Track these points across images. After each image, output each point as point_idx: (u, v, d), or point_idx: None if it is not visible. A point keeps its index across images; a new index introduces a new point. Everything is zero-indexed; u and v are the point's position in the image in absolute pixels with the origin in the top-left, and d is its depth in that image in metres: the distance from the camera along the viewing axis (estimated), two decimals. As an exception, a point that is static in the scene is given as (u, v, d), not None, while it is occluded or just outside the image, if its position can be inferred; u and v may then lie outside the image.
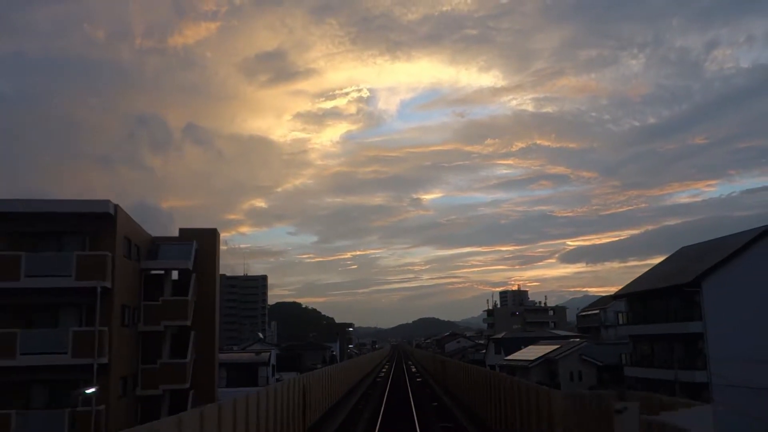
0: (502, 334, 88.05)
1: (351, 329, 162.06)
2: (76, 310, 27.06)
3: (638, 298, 52.75)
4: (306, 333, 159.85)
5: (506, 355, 75.71)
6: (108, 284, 26.51)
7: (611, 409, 9.83)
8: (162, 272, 33.78)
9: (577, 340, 74.13)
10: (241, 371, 57.43)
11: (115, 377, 27.38)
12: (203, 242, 35.87)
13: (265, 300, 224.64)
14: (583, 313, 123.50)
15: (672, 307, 46.72)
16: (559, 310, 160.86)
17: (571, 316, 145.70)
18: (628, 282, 57.91)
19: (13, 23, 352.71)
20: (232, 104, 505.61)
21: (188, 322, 32.85)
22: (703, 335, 43.12)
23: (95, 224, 27.45)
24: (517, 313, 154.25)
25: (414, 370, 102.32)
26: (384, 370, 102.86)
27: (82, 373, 25.69)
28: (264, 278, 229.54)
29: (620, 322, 56.89)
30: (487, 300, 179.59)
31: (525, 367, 65.72)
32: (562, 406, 14.80)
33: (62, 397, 25.98)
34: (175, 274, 34.63)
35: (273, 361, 64.50)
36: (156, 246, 34.20)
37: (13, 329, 25.41)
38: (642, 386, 49.49)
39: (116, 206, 27.79)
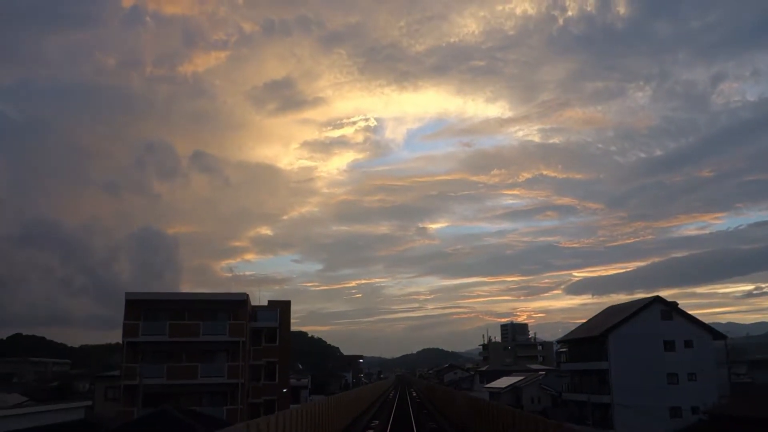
0: (485, 367, 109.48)
1: (361, 360, 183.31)
2: (226, 353, 48.94)
3: (573, 343, 74.22)
4: (311, 362, 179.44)
5: (487, 384, 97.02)
6: (244, 339, 48.47)
7: (476, 399, 32.25)
8: (260, 327, 55.86)
9: (542, 372, 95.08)
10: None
11: (245, 391, 49.12)
12: (282, 308, 57.93)
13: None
14: (561, 350, 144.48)
15: (591, 351, 67.98)
16: (547, 345, 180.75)
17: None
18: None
19: (23, 51, 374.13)
20: (240, 132, 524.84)
21: (276, 359, 54.71)
22: (608, 371, 64.18)
23: (236, 305, 49.63)
24: (509, 347, 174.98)
25: (414, 394, 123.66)
26: (391, 394, 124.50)
27: (229, 388, 47.52)
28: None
29: (562, 360, 78.29)
30: (483, 335, 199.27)
31: (498, 392, 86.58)
32: (461, 397, 38.19)
33: (220, 400, 47.74)
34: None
35: (309, 385, 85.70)
36: (255, 311, 56.23)
37: (195, 363, 47.35)
38: (577, 406, 70.83)
39: (247, 295, 49.98)
